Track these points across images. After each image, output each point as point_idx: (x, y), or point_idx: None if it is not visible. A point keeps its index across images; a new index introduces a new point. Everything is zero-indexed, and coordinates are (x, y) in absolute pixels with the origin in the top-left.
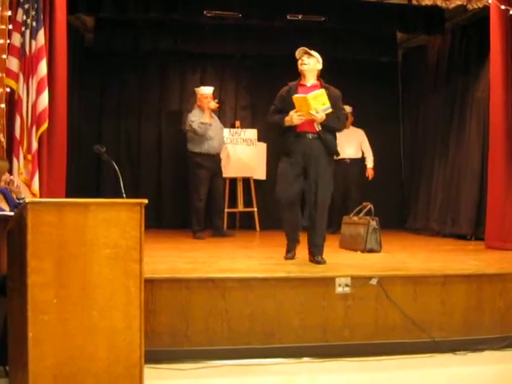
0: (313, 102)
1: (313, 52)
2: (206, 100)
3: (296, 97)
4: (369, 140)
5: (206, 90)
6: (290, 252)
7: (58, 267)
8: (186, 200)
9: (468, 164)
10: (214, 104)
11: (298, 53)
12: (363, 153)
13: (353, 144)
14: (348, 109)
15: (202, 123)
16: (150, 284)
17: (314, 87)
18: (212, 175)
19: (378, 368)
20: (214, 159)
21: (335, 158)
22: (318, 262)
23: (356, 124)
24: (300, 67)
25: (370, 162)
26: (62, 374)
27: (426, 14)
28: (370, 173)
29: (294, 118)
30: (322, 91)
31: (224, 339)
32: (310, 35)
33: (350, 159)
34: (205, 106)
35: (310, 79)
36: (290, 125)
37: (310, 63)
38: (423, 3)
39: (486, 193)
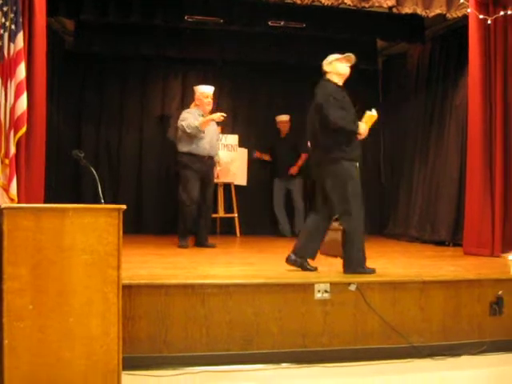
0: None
1: None
2: (206, 99)
3: (371, 114)
4: None
5: (207, 89)
6: None
7: (35, 273)
8: (167, 205)
9: (447, 171)
10: (219, 116)
11: (351, 58)
12: None
13: None
14: None
15: (196, 127)
16: (129, 290)
17: None
18: (201, 179)
19: (357, 374)
20: (204, 162)
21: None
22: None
23: None
24: (346, 72)
25: None
26: (38, 382)
27: (406, 22)
28: None
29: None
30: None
31: (203, 345)
32: (291, 42)
33: None
34: (205, 107)
35: None
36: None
37: None
38: (403, 11)
39: (465, 200)
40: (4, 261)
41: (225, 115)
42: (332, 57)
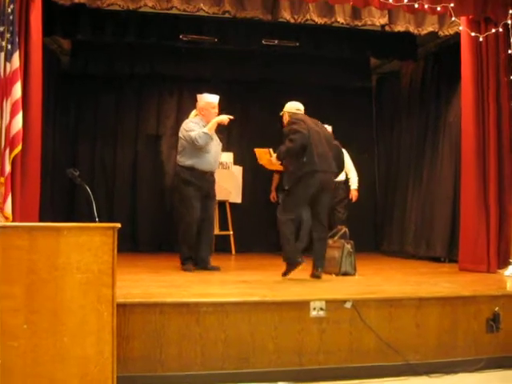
0: None
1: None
2: (213, 110)
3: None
4: None
5: (214, 99)
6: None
7: (29, 292)
8: (162, 223)
9: (441, 187)
10: (226, 118)
11: None
12: (346, 174)
13: None
14: (327, 128)
15: (205, 133)
16: (123, 309)
17: None
18: (203, 196)
19: None
20: (207, 178)
21: None
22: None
23: None
24: None
25: (353, 184)
26: None
27: (398, 40)
28: (353, 194)
29: None
30: None
31: (198, 364)
32: (285, 60)
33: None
34: (211, 116)
35: None
36: None
37: None
38: (396, 29)
39: (460, 216)
40: None
41: (231, 117)
42: None
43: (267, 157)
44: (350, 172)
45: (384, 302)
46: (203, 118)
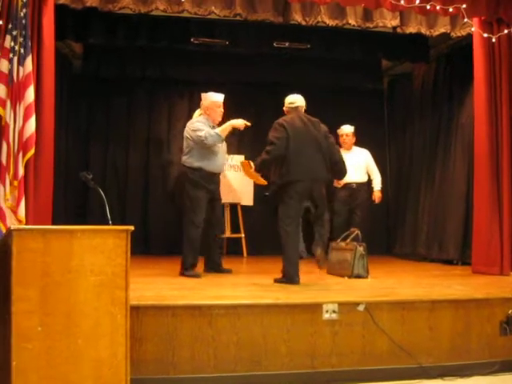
0: None
1: None
2: (219, 109)
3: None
4: None
5: (220, 98)
6: None
7: (43, 294)
8: (174, 226)
9: (454, 189)
10: (242, 123)
11: None
12: (369, 175)
13: (357, 166)
14: (350, 129)
15: (218, 134)
16: (136, 311)
17: None
18: (211, 198)
19: None
20: (214, 179)
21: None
22: None
23: None
24: None
25: (377, 185)
26: None
27: (410, 41)
28: (377, 196)
29: None
30: None
31: (210, 367)
32: (296, 63)
33: (356, 183)
34: (216, 117)
35: None
36: None
37: None
38: (407, 31)
39: (472, 218)
40: (13, 282)
41: (248, 124)
42: None
43: (247, 168)
44: (372, 173)
45: (397, 305)
46: (209, 118)
